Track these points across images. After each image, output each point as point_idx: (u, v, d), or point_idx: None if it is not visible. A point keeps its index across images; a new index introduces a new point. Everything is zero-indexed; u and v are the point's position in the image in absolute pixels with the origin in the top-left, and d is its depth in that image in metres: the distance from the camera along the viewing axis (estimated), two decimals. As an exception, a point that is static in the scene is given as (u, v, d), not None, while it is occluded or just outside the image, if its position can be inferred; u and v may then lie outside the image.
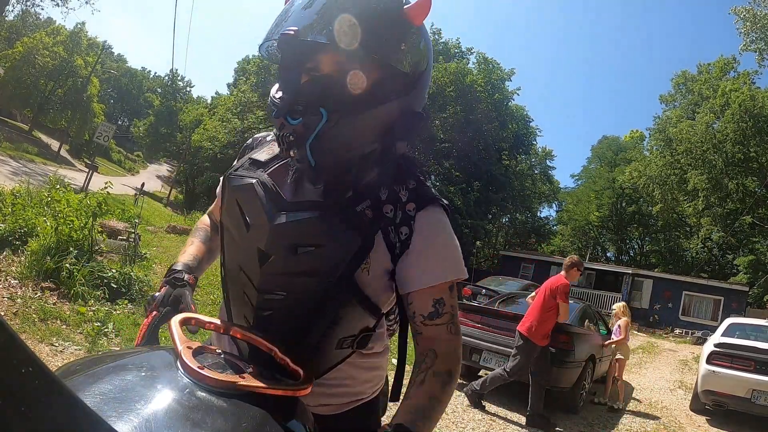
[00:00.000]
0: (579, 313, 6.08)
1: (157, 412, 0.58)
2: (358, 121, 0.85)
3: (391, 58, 0.84)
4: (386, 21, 0.83)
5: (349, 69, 0.84)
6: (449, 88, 24.79)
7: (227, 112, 30.36)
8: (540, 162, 38.34)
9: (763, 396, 5.51)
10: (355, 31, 0.79)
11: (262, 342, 0.86)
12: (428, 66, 0.92)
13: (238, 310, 0.98)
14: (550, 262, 27.75)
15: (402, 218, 0.90)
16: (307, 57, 0.87)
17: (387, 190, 0.91)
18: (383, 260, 0.90)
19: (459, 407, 4.92)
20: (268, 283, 0.90)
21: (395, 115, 0.88)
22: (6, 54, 30.85)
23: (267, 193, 0.90)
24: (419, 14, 0.85)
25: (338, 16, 0.79)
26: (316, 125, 0.82)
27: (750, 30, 21.88)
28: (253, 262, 0.90)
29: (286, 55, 0.90)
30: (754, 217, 26.05)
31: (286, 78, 0.89)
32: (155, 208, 20.39)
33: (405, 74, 0.87)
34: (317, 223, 0.87)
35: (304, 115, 0.83)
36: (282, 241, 0.87)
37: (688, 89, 30.91)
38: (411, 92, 0.89)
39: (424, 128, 0.94)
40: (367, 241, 0.87)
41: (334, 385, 1.00)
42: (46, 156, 25.74)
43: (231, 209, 0.95)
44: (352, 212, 0.88)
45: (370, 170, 0.92)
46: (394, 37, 0.84)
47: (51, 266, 4.63)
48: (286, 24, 0.82)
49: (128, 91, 66.37)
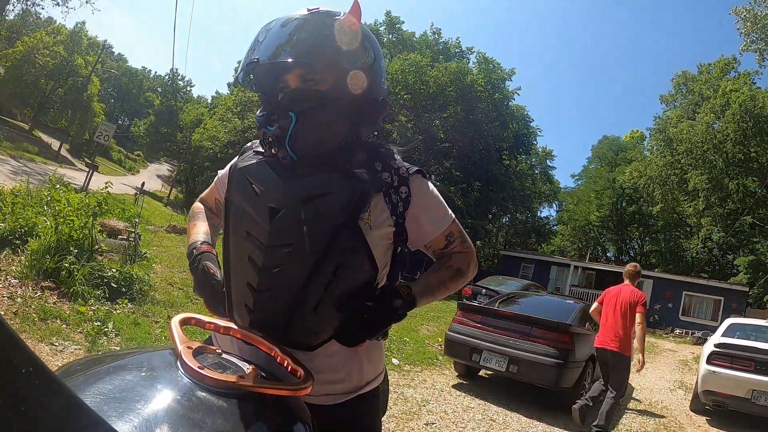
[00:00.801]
0: (579, 313, 6.08)
1: (158, 412, 0.58)
2: (323, 116, 1.02)
3: (337, 60, 1.01)
4: (326, 33, 1.00)
5: (310, 78, 1.03)
6: (449, 88, 24.78)
7: (227, 111, 30.34)
8: (540, 162, 38.36)
9: (763, 396, 5.51)
10: (304, 47, 0.99)
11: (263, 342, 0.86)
12: (376, 58, 1.08)
13: (239, 276, 1.05)
14: (551, 262, 27.78)
15: (399, 180, 1.08)
16: (277, 78, 1.06)
17: (381, 162, 1.08)
18: (384, 217, 1.06)
19: (459, 407, 4.92)
20: (277, 237, 1.00)
21: (357, 105, 1.05)
22: (6, 53, 30.85)
23: (276, 163, 1.06)
24: (352, 22, 1.02)
25: (288, 40, 1.00)
26: (288, 126, 0.99)
27: (750, 30, 21.84)
28: (264, 219, 1.02)
29: (259, 80, 1.09)
30: (755, 217, 26.05)
31: (265, 99, 1.07)
32: (155, 207, 20.38)
33: (352, 67, 1.03)
34: (324, 176, 1.03)
35: (278, 120, 1.00)
36: (293, 194, 1.01)
37: (689, 89, 30.91)
38: (365, 84, 1.04)
39: (385, 111, 1.13)
40: (366, 189, 1.03)
41: (336, 374, 1.06)
42: (47, 155, 25.74)
43: (240, 185, 1.08)
44: (352, 173, 1.04)
45: (353, 154, 1.08)
46: (335, 44, 1.00)
47: (51, 266, 4.63)
48: (252, 55, 1.01)
49: (128, 90, 66.35)
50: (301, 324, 1.01)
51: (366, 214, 1.03)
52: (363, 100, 1.05)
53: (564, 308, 6.30)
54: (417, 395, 4.99)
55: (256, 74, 1.08)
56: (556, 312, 5.97)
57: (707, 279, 24.39)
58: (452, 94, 24.73)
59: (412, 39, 31.23)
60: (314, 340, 1.03)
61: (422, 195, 1.11)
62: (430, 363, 6.51)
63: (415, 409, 4.57)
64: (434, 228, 1.14)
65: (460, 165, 25.78)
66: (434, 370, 6.30)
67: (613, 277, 24.87)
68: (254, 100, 28.63)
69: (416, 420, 4.27)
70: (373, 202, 1.04)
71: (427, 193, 1.12)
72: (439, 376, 6.06)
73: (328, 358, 1.06)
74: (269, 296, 1.00)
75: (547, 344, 5.21)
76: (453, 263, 1.18)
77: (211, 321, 0.89)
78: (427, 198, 1.12)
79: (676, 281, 23.21)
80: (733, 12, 22.26)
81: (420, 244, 1.16)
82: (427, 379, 5.76)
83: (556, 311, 6.04)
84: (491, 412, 4.95)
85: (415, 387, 5.28)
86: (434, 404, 4.84)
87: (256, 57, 0.99)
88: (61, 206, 5.36)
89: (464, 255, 1.20)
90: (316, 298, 1.00)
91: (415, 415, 4.39)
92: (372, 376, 1.14)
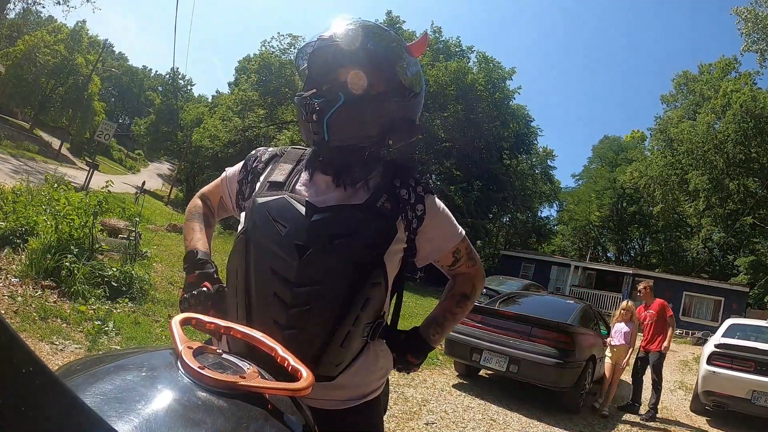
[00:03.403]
0: (579, 313, 6.08)
1: (158, 412, 0.58)
2: (366, 109, 1.06)
3: (394, 68, 1.09)
4: (394, 48, 1.11)
5: (363, 77, 1.07)
6: (450, 87, 24.75)
7: (228, 110, 30.31)
8: (541, 162, 38.31)
9: (764, 397, 5.50)
10: (374, 53, 1.07)
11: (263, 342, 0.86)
12: (421, 91, 1.17)
13: (263, 314, 1.03)
14: (551, 261, 27.78)
15: (416, 198, 1.12)
16: (335, 67, 1.08)
17: (400, 181, 1.13)
18: (400, 238, 1.10)
19: (459, 407, 4.92)
20: (305, 275, 1.01)
21: (395, 115, 1.11)
22: (7, 52, 30.87)
23: (299, 201, 1.07)
24: (417, 49, 1.15)
25: (363, 40, 1.06)
26: (335, 104, 1.03)
27: (751, 30, 21.80)
28: (292, 257, 1.01)
29: (316, 61, 1.10)
30: (755, 217, 26.04)
31: (311, 82, 1.10)
32: (156, 206, 20.39)
33: (404, 85, 1.11)
34: (349, 215, 1.06)
35: (326, 95, 1.04)
36: (320, 232, 1.02)
37: (690, 89, 30.85)
38: (408, 101, 1.13)
39: (417, 134, 1.19)
40: (392, 227, 1.07)
41: (344, 379, 1.07)
42: (47, 154, 25.74)
43: (262, 222, 1.07)
44: (375, 207, 1.07)
45: (372, 165, 1.12)
46: (398, 57, 1.11)
47: (51, 265, 4.64)
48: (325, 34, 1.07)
49: (129, 89, 66.37)
50: (328, 359, 1.02)
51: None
52: (400, 116, 1.12)
53: (564, 308, 6.30)
54: (417, 395, 4.99)
55: (318, 54, 1.10)
56: (557, 312, 5.97)
57: (707, 279, 24.38)
58: (452, 94, 24.69)
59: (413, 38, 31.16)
60: (337, 371, 1.05)
61: (435, 213, 1.15)
62: (430, 363, 6.51)
63: (416, 408, 4.57)
64: (443, 245, 1.18)
65: (461, 164, 25.76)
66: (434, 369, 6.30)
67: (613, 277, 24.92)
68: (254, 99, 28.68)
69: (416, 420, 4.27)
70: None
71: (439, 212, 1.16)
72: (440, 375, 6.06)
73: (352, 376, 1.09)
74: (297, 333, 1.00)
75: (547, 344, 5.21)
76: (456, 290, 1.25)
77: (212, 321, 0.89)
78: (440, 216, 1.16)
79: (676, 281, 23.19)
80: (734, 12, 22.21)
81: (428, 260, 1.20)
82: (428, 378, 5.76)
83: (556, 311, 6.04)
84: (491, 412, 4.95)
85: (415, 387, 5.28)
86: (434, 404, 4.84)
87: (329, 35, 1.05)
88: (61, 206, 5.36)
89: (468, 277, 1.24)
90: (344, 334, 1.01)
91: (416, 415, 4.39)
92: (378, 384, 1.16)
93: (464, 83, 25.07)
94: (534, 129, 31.67)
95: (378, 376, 1.15)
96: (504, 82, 28.05)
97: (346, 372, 1.07)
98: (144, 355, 0.75)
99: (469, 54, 29.81)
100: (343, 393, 1.08)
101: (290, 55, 29.36)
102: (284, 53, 29.51)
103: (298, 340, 0.98)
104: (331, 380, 1.04)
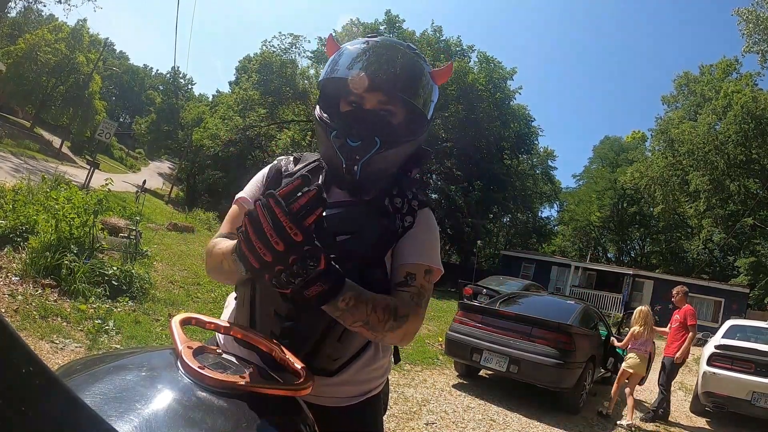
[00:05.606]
0: (580, 313, 6.07)
1: (158, 412, 0.58)
2: (399, 150, 1.08)
3: (419, 103, 1.09)
4: (420, 76, 1.09)
5: (386, 108, 1.08)
6: (450, 87, 24.71)
7: (229, 110, 30.29)
8: (541, 162, 38.26)
9: (764, 398, 5.50)
10: (398, 79, 1.05)
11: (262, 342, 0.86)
12: (432, 116, 1.16)
13: (265, 304, 1.04)
14: (551, 262, 27.77)
15: (408, 210, 1.11)
16: (351, 92, 1.07)
17: (398, 188, 1.12)
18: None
19: (459, 407, 4.92)
20: None
21: (414, 148, 1.13)
22: (8, 50, 30.87)
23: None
24: (441, 77, 1.14)
25: (388, 64, 1.04)
26: (371, 149, 1.04)
27: (753, 32, 21.81)
28: None
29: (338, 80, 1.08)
30: (756, 218, 26.00)
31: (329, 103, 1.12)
32: (156, 205, 20.38)
33: (426, 118, 1.13)
34: (353, 214, 1.07)
35: (363, 140, 1.04)
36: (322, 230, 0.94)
37: (690, 90, 30.85)
38: (425, 132, 1.14)
39: (430, 157, 1.21)
40: (393, 227, 1.07)
41: (347, 375, 1.08)
42: (48, 153, 25.74)
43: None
44: (379, 205, 1.08)
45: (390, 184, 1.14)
46: (422, 89, 1.09)
47: (52, 263, 4.64)
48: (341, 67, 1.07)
49: (130, 88, 66.39)
50: (326, 353, 1.04)
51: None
52: (419, 145, 1.15)
53: (564, 308, 6.30)
54: (417, 395, 4.99)
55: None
56: (557, 312, 5.97)
57: (708, 280, 24.35)
58: (453, 93, 24.66)
59: (413, 38, 31.18)
60: (335, 365, 1.06)
61: (421, 229, 1.10)
62: (430, 363, 6.51)
63: (416, 408, 4.57)
64: (405, 258, 1.06)
65: (461, 164, 25.74)
66: (435, 369, 6.30)
67: (613, 277, 24.90)
68: (255, 98, 28.65)
69: (416, 420, 4.27)
70: None
71: (425, 229, 1.11)
72: (440, 375, 6.06)
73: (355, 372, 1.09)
74: (297, 325, 1.02)
75: (547, 344, 5.21)
76: (399, 302, 1.00)
77: (212, 321, 0.89)
78: (425, 234, 1.10)
79: (676, 282, 23.17)
80: (736, 13, 22.24)
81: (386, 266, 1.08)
82: (428, 378, 5.76)
83: (556, 311, 6.04)
84: (491, 412, 4.95)
85: (415, 387, 5.28)
86: (434, 404, 4.84)
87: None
88: (60, 206, 5.36)
89: (411, 308, 1.01)
90: (341, 328, 1.01)
91: (416, 415, 4.39)
92: (380, 381, 1.17)
93: (465, 83, 25.04)
94: (535, 129, 31.64)
95: (379, 373, 1.16)
96: (505, 82, 28.02)
97: (349, 368, 1.08)
98: (144, 354, 0.75)
99: (470, 53, 29.78)
100: (346, 389, 1.09)
101: (291, 55, 29.36)
102: (285, 53, 29.48)
103: (297, 332, 1.01)
104: (330, 375, 1.06)
